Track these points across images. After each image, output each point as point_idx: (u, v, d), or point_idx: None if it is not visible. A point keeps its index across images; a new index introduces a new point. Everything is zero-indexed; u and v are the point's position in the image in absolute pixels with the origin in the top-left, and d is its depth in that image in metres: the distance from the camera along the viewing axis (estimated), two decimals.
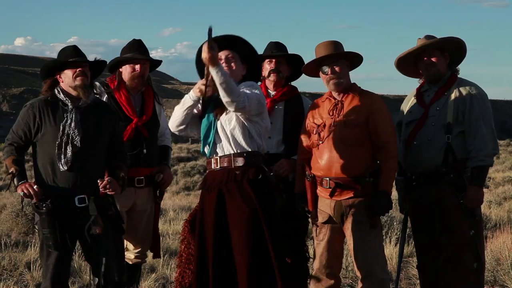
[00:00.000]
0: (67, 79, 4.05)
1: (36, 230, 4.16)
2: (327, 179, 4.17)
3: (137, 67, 4.61)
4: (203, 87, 3.87)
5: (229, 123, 3.95)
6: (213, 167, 4.00)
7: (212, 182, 3.99)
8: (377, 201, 4.07)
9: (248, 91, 3.90)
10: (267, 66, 4.54)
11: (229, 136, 3.95)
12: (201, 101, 4.01)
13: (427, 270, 4.45)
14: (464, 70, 4.48)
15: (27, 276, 6.03)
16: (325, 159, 4.19)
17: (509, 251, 5.96)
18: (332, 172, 4.17)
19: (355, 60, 4.30)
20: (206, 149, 4.02)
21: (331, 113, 4.23)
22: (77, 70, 4.02)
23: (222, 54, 3.97)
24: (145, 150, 4.57)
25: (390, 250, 6.88)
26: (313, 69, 4.33)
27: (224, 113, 3.95)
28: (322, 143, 4.21)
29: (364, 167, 4.11)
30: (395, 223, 7.91)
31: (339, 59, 4.22)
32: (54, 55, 4.24)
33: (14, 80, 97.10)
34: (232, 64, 3.99)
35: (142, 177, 4.63)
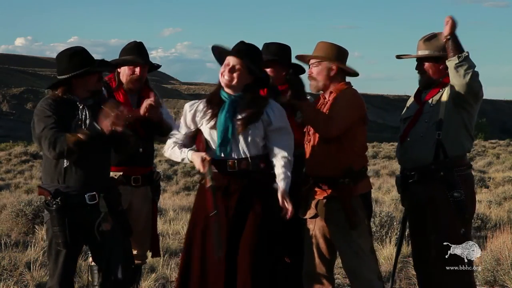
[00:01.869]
0: (89, 85, 4.06)
1: (46, 229, 4.15)
2: (310, 177, 4.23)
3: (137, 70, 4.62)
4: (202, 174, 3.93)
5: (253, 131, 3.90)
6: (228, 170, 3.91)
7: (230, 185, 3.90)
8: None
9: (287, 151, 3.93)
10: None
11: (250, 141, 3.91)
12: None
13: (422, 270, 4.44)
14: None
15: (27, 276, 6.03)
16: (308, 157, 4.25)
17: (509, 251, 5.95)
18: (313, 170, 4.22)
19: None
20: (223, 153, 3.93)
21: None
22: (95, 78, 4.06)
23: (231, 61, 3.91)
24: (141, 149, 4.56)
25: (390, 250, 6.88)
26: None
27: (247, 119, 3.90)
28: (309, 142, 4.27)
29: (339, 168, 4.11)
30: (395, 223, 7.90)
31: (321, 62, 4.24)
32: (55, 55, 4.22)
33: (14, 80, 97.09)
34: (234, 74, 3.91)
35: (139, 176, 4.64)
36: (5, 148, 37.49)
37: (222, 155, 3.92)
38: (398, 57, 4.55)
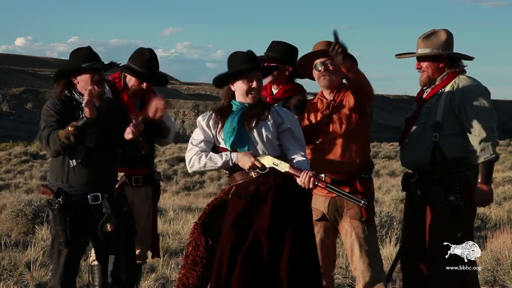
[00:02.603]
0: (83, 83, 4.07)
1: (50, 228, 4.17)
2: (323, 175, 4.18)
3: (144, 84, 4.64)
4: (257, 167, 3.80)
5: (266, 129, 3.88)
6: (253, 175, 3.82)
7: (259, 188, 3.81)
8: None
9: (303, 150, 3.93)
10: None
11: (265, 140, 3.87)
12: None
13: (411, 271, 4.42)
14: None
15: (27, 276, 6.03)
16: (321, 156, 4.22)
17: (509, 251, 5.95)
18: (328, 168, 4.19)
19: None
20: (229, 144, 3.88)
21: (325, 113, 4.25)
22: (96, 75, 4.05)
23: (257, 76, 3.93)
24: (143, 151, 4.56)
25: (390, 250, 6.88)
26: (307, 65, 4.32)
27: (258, 120, 3.88)
28: (318, 142, 4.25)
29: (359, 163, 4.16)
30: (395, 223, 7.91)
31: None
32: (55, 55, 4.33)
33: (14, 80, 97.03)
34: (260, 90, 3.97)
35: (139, 177, 4.65)
36: (5, 148, 37.44)
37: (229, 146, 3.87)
38: (398, 56, 4.54)
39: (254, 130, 3.87)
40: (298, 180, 3.76)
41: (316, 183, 3.74)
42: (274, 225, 3.76)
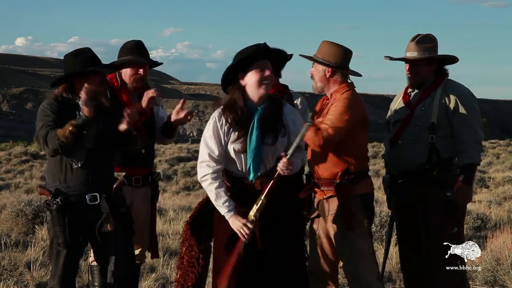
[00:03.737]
0: (91, 85, 4.03)
1: (48, 229, 4.16)
2: (312, 177, 4.23)
3: (141, 70, 4.63)
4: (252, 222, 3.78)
5: (281, 148, 3.86)
6: (257, 188, 3.82)
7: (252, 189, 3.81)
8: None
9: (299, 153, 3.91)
10: None
11: (277, 153, 3.85)
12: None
13: (410, 270, 4.45)
14: (464, 70, 4.61)
15: (27, 276, 6.03)
16: (310, 159, 4.24)
17: (509, 251, 5.95)
18: (313, 171, 4.22)
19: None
20: (253, 176, 3.83)
21: (319, 114, 4.26)
22: (99, 77, 4.07)
23: (268, 67, 3.83)
24: (143, 150, 4.57)
25: (390, 250, 6.86)
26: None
27: (277, 137, 3.85)
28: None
29: (338, 170, 4.09)
30: (395, 223, 7.88)
31: (316, 63, 4.22)
32: (55, 55, 4.34)
33: (14, 80, 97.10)
34: (272, 78, 3.92)
35: (139, 177, 4.65)
36: (5, 148, 37.43)
37: (251, 178, 3.83)
38: (390, 58, 4.54)
39: (270, 148, 3.83)
40: (281, 172, 3.75)
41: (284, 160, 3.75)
42: (269, 222, 3.79)
